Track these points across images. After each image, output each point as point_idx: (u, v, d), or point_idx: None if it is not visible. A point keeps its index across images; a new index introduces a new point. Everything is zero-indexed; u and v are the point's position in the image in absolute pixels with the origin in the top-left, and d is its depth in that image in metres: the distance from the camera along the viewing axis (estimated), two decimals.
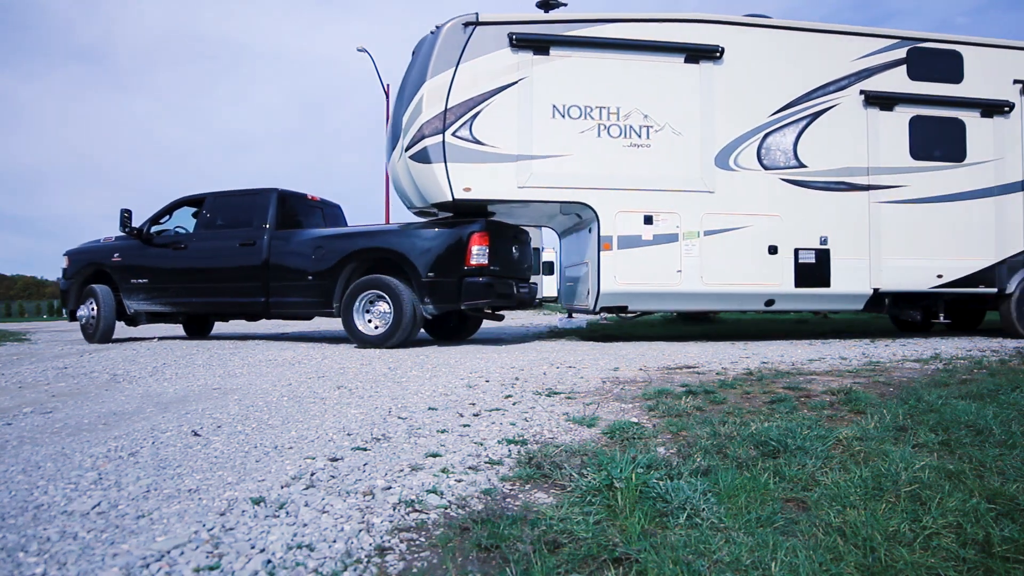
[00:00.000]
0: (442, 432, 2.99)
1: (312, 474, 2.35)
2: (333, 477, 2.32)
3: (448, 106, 6.76)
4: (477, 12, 6.93)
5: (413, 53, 7.37)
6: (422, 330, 7.25)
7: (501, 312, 7.95)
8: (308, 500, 2.07)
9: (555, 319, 13.89)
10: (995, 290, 7.69)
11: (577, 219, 7.85)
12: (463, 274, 6.57)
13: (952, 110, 7.71)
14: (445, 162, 6.75)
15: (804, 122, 7.43)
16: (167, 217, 8.01)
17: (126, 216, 7.69)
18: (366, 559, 1.67)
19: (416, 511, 1.99)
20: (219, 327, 10.77)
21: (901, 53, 7.64)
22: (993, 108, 7.77)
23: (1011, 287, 7.71)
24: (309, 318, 7.60)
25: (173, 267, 7.65)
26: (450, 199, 6.82)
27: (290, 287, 7.18)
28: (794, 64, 7.46)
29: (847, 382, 4.09)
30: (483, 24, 6.92)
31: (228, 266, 7.39)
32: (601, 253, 7.03)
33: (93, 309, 7.79)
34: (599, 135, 7.08)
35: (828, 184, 7.45)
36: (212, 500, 2.09)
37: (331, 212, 8.50)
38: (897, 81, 7.62)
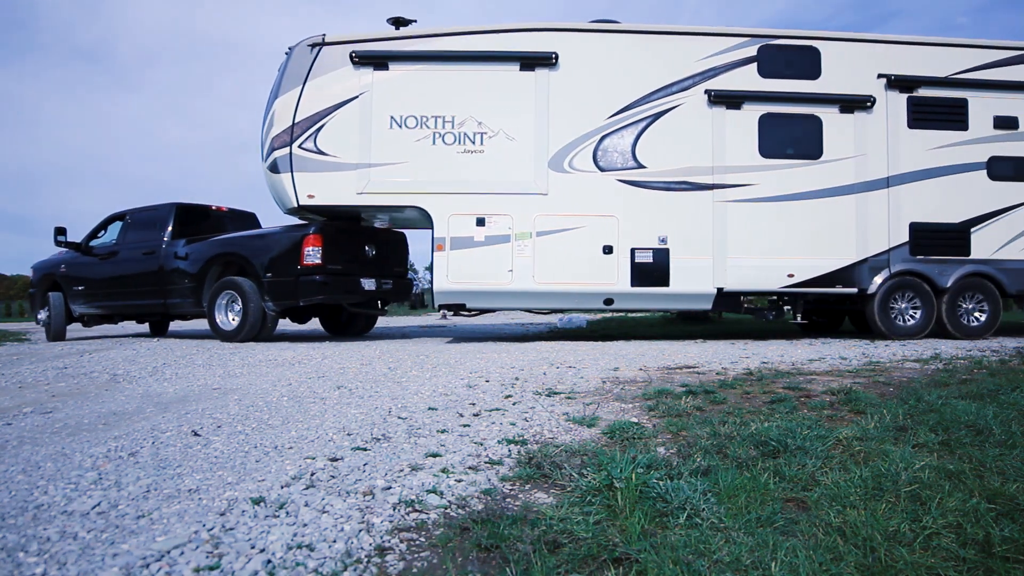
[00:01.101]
0: (442, 432, 2.99)
1: (312, 474, 2.35)
2: (333, 477, 2.32)
3: (295, 121, 7.33)
4: (324, 34, 7.48)
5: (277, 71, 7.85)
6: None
7: (383, 308, 8.58)
8: (308, 500, 2.07)
9: (554, 319, 13.88)
10: (855, 290, 7.57)
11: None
12: (298, 273, 7.19)
13: (807, 106, 7.59)
14: (292, 172, 7.31)
15: (644, 124, 7.49)
16: (103, 231, 8.93)
17: (59, 233, 8.71)
18: (366, 559, 1.67)
19: (416, 511, 1.99)
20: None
21: (751, 51, 7.59)
22: (853, 103, 7.60)
23: (873, 287, 7.57)
24: (190, 318, 8.48)
25: (100, 275, 8.63)
26: (296, 206, 7.43)
27: (177, 290, 8.00)
28: (634, 67, 7.52)
29: (847, 382, 4.09)
30: (328, 44, 7.44)
31: (136, 272, 8.27)
32: (435, 254, 7.38)
33: (48, 313, 8.89)
34: (434, 143, 7.42)
35: (669, 184, 7.48)
36: (212, 500, 2.09)
37: (241, 221, 9.08)
38: (746, 79, 7.56)
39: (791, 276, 7.45)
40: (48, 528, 1.87)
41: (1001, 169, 7.71)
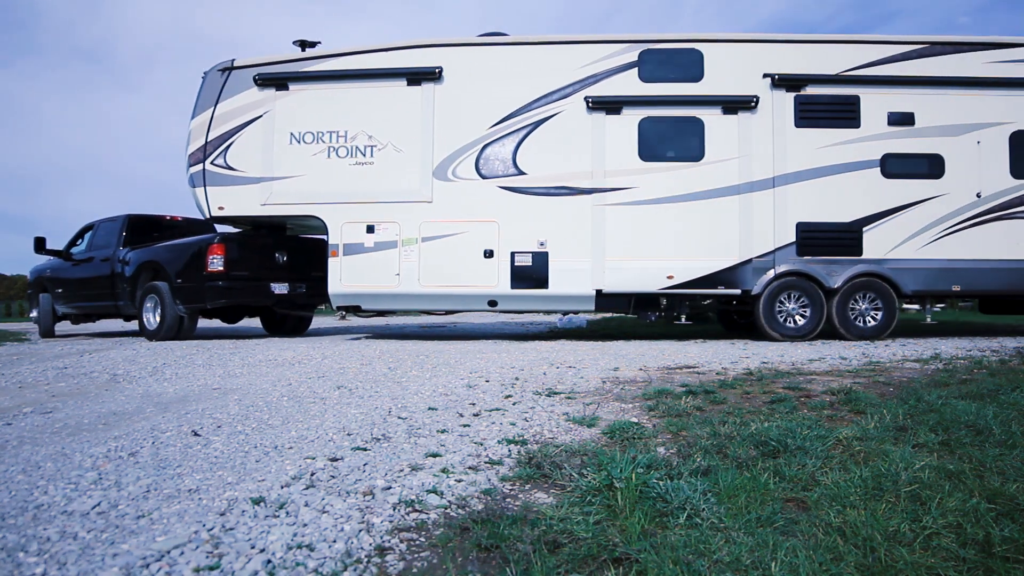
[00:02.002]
0: (442, 432, 2.99)
1: (312, 474, 2.35)
2: (333, 477, 2.32)
3: (208, 139, 7.95)
4: (233, 59, 8.09)
5: None
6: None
7: (308, 312, 9.47)
8: (308, 500, 2.07)
9: (554, 319, 13.88)
10: (738, 291, 7.57)
11: None
12: (204, 279, 7.85)
13: (689, 109, 7.59)
14: (205, 186, 7.95)
15: (524, 132, 7.67)
16: (81, 239, 9.75)
17: (38, 243, 9.54)
18: (366, 559, 1.67)
19: (416, 511, 1.99)
20: (221, 326, 10.93)
21: (632, 56, 7.65)
22: (737, 104, 7.56)
23: (758, 288, 7.51)
24: (133, 318, 9.04)
25: (72, 278, 9.53)
26: (208, 217, 8.09)
27: (122, 293, 8.73)
28: (516, 77, 7.69)
29: (847, 382, 4.09)
30: (236, 68, 8.02)
31: (96, 276, 9.09)
32: (329, 259, 7.85)
33: (37, 311, 10.01)
34: (329, 156, 7.86)
35: (548, 190, 7.64)
36: (212, 500, 2.09)
37: (195, 229, 9.55)
38: (627, 85, 7.63)
39: (671, 278, 7.51)
40: (48, 528, 1.87)
41: (896, 167, 7.55)
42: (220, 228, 9.23)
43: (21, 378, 5.09)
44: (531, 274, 7.59)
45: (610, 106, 7.60)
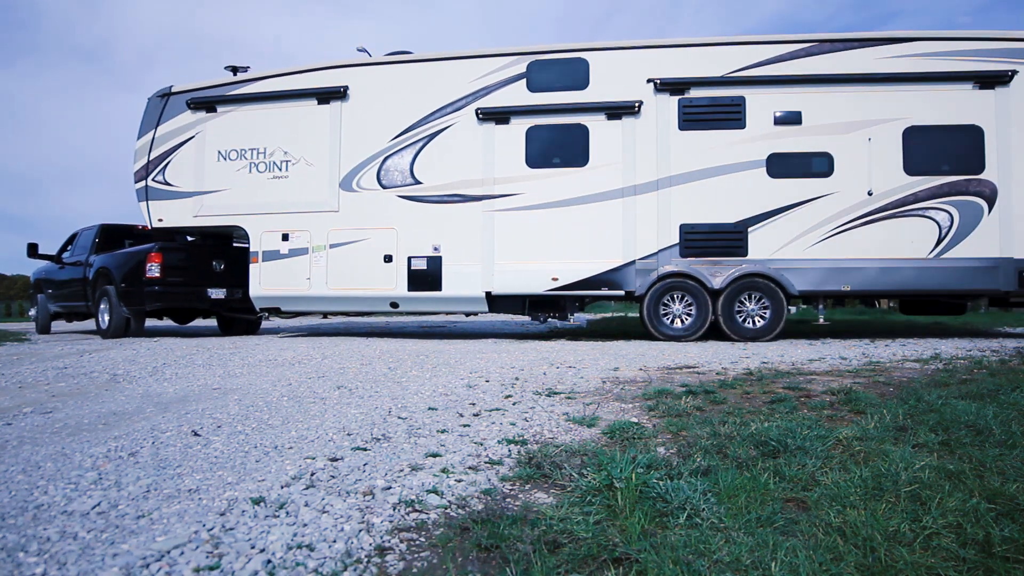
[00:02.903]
0: (442, 432, 2.99)
1: (312, 474, 2.35)
2: (333, 477, 2.32)
3: (150, 158, 8.81)
4: (171, 85, 8.92)
5: None
6: (214, 323, 10.29)
7: (250, 316, 9.88)
8: (308, 500, 2.07)
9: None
10: (622, 292, 7.72)
11: None
12: (143, 284, 8.56)
13: (574, 116, 7.81)
14: (147, 201, 8.85)
15: (421, 143, 8.11)
16: (70, 245, 10.45)
17: (31, 249, 10.27)
18: (366, 559, 1.67)
19: (416, 511, 1.99)
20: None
21: (521, 68, 7.93)
22: (620, 110, 7.72)
23: (641, 289, 7.65)
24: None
25: (58, 280, 10.36)
26: (151, 228, 8.99)
27: (90, 294, 9.41)
28: (414, 92, 8.15)
29: (847, 382, 4.09)
30: (174, 94, 8.83)
31: (74, 279, 9.83)
32: (250, 265, 8.56)
33: (35, 310, 11.05)
34: (250, 171, 8.58)
35: (442, 197, 8.04)
36: (212, 500, 2.09)
37: (160, 238, 9.98)
38: (516, 95, 7.91)
39: (555, 280, 7.75)
40: (48, 528, 1.87)
41: (782, 166, 7.55)
42: (203, 237, 9.79)
43: (21, 378, 5.09)
44: (426, 277, 8.01)
45: (499, 117, 7.93)
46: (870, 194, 7.40)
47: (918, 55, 7.44)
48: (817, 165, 7.50)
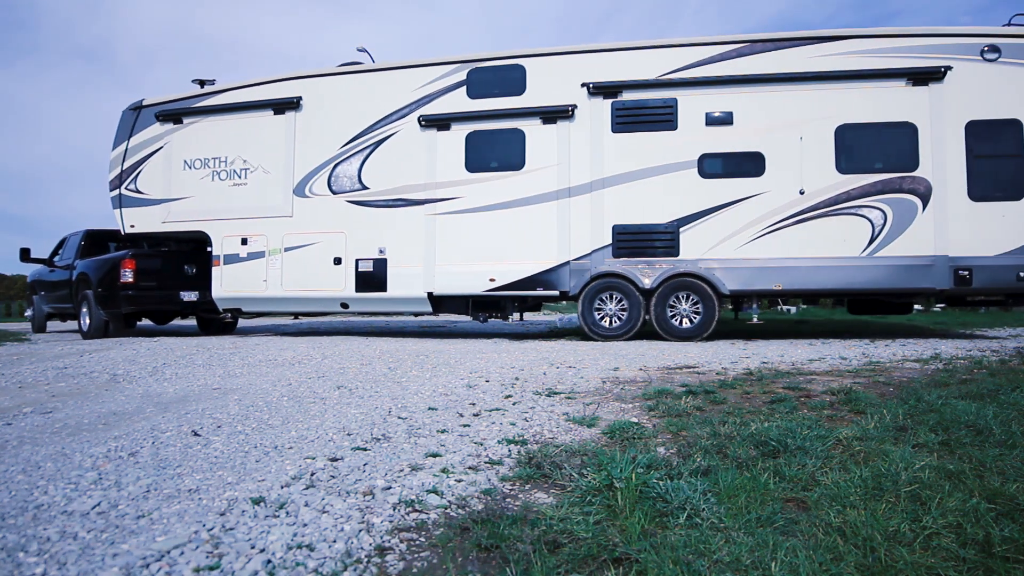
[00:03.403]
0: (442, 432, 2.99)
1: (312, 474, 2.35)
2: (333, 477, 2.32)
3: (123, 168, 9.31)
4: (143, 99, 9.39)
5: None
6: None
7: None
8: (308, 500, 2.07)
9: (554, 318, 13.87)
10: (556, 292, 7.88)
11: None
12: (118, 288, 9.04)
13: (511, 121, 8.00)
14: (121, 208, 9.34)
15: (368, 150, 8.42)
16: (61, 249, 10.90)
17: (23, 253, 10.71)
18: (366, 559, 1.67)
19: (416, 511, 1.99)
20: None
21: (461, 76, 8.18)
22: (556, 114, 7.87)
23: (575, 289, 7.78)
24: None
25: (49, 282, 10.87)
26: (124, 233, 9.45)
27: (79, 297, 9.78)
28: (362, 101, 8.46)
29: (847, 382, 4.09)
30: (144, 107, 9.32)
31: (62, 281, 10.29)
32: (213, 268, 9.00)
33: (31, 311, 11.74)
34: (213, 179, 9.01)
35: (388, 202, 8.35)
36: (212, 500, 2.09)
37: (142, 242, 10.55)
38: (456, 102, 8.17)
39: (492, 280, 7.97)
40: (48, 528, 1.87)
41: (713, 167, 7.61)
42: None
43: (21, 378, 5.09)
44: (372, 279, 8.32)
45: (440, 123, 8.19)
46: (802, 193, 7.41)
47: (852, 53, 7.42)
48: (748, 165, 7.54)
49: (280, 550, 1.69)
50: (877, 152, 7.39)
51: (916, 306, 16.51)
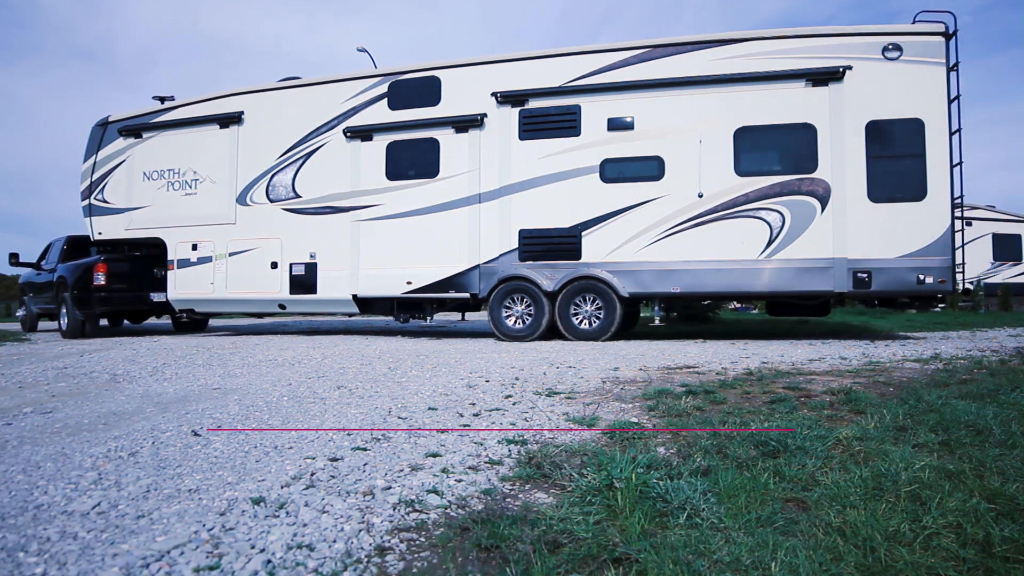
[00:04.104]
0: (442, 432, 2.99)
1: (312, 474, 2.35)
2: (333, 477, 2.32)
3: (93, 180, 10.04)
4: (108, 116, 10.06)
5: None
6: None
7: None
8: (308, 500, 2.07)
9: None
10: (467, 295, 8.21)
11: None
12: (92, 291, 9.68)
13: (427, 131, 8.34)
14: (91, 216, 10.08)
15: (301, 161, 8.91)
16: (48, 253, 11.57)
17: (12, 257, 11.47)
18: (366, 559, 1.67)
19: (416, 511, 1.99)
20: (217, 322, 11.11)
21: (383, 88, 8.54)
22: (467, 123, 8.16)
23: (484, 291, 8.07)
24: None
25: (36, 284, 11.57)
26: (93, 240, 10.22)
27: (57, 298, 10.42)
28: (296, 115, 8.94)
29: (847, 382, 4.09)
30: (110, 123, 9.99)
31: (46, 283, 10.96)
32: (168, 271, 9.66)
33: (23, 311, 12.54)
34: (168, 190, 9.66)
35: (318, 209, 8.82)
36: (212, 500, 2.09)
37: (119, 247, 11.10)
38: (378, 114, 8.54)
39: (409, 283, 8.37)
40: (48, 528, 1.87)
41: (615, 171, 7.72)
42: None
43: (21, 378, 5.09)
44: (304, 282, 8.83)
45: (363, 134, 8.59)
46: (700, 196, 7.45)
47: (752, 55, 7.41)
48: (648, 169, 7.63)
49: (280, 550, 1.69)
50: (776, 154, 7.46)
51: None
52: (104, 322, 11.59)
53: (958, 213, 7.09)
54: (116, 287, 9.84)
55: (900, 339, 7.70)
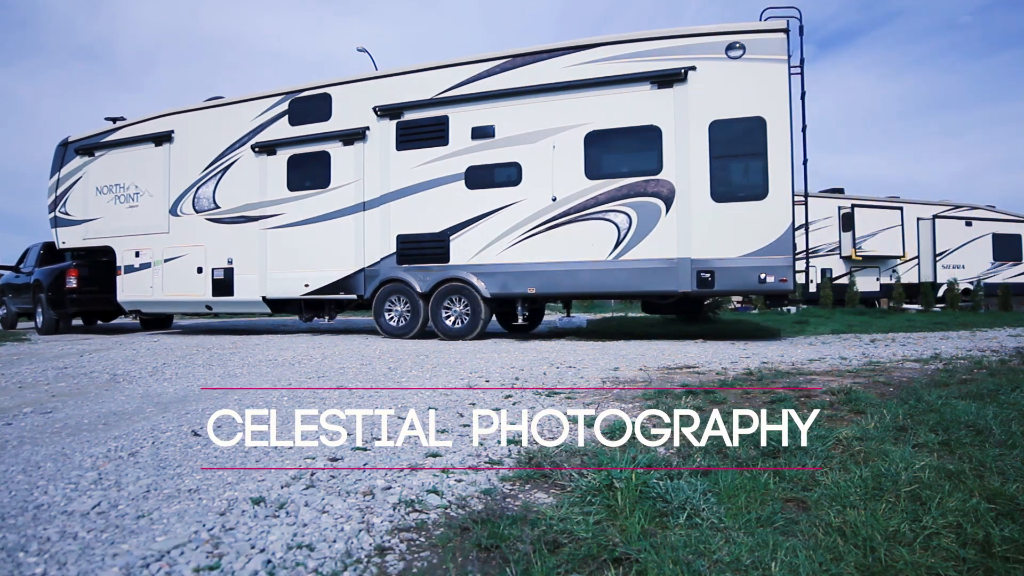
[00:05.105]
0: (442, 432, 2.99)
1: (312, 474, 2.35)
2: (333, 477, 2.32)
3: (57, 194, 11.00)
4: (68, 136, 11.06)
5: None
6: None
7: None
8: (308, 500, 2.07)
9: (554, 318, 13.86)
10: (354, 296, 8.80)
11: None
12: (64, 293, 10.74)
13: (321, 144, 8.97)
14: (56, 227, 11.02)
15: (220, 175, 9.68)
16: (26, 257, 12.40)
17: None
18: (366, 559, 1.67)
19: (416, 511, 1.99)
20: (224, 322, 11.12)
21: (285, 106, 9.20)
22: (353, 136, 8.74)
23: (368, 293, 8.65)
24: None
25: (16, 285, 12.42)
26: (58, 248, 11.14)
27: (34, 299, 11.36)
28: (217, 132, 9.69)
29: (847, 382, 4.09)
30: (70, 143, 10.94)
31: (23, 284, 11.95)
32: (117, 276, 10.49)
33: (3, 310, 13.22)
34: (115, 203, 10.52)
35: (233, 218, 9.58)
36: (212, 500, 2.09)
37: (94, 253, 11.74)
38: (281, 130, 9.22)
39: (307, 285, 9.03)
40: (48, 528, 1.87)
41: (478, 178, 8.09)
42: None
43: (21, 378, 5.09)
44: (224, 285, 9.63)
45: (268, 149, 9.29)
46: (554, 200, 7.71)
47: (603, 60, 7.55)
48: (508, 175, 7.98)
49: (280, 550, 1.69)
50: (624, 157, 7.65)
51: (915, 306, 16.59)
52: (78, 321, 12.46)
53: (799, 210, 7.18)
54: (86, 289, 10.84)
55: (900, 339, 7.70)
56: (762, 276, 6.93)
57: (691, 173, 7.19)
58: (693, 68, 7.17)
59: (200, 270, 9.77)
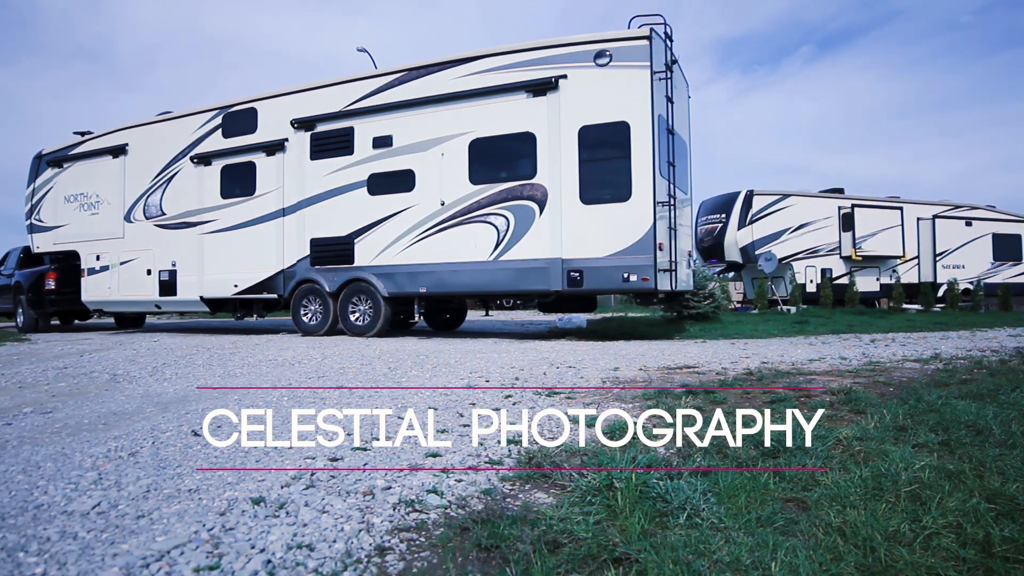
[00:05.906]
0: (442, 432, 2.99)
1: (312, 474, 2.35)
2: (333, 477, 2.32)
3: (32, 203, 11.96)
4: (42, 149, 12.00)
5: None
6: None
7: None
8: (308, 500, 2.07)
9: (554, 318, 13.86)
10: (276, 296, 9.45)
11: None
12: (44, 294, 11.66)
13: (248, 155, 9.65)
14: (32, 233, 11.96)
15: (165, 184, 10.44)
16: (6, 260, 13.24)
17: None
18: (366, 559, 1.67)
19: (416, 511, 1.99)
20: (224, 322, 11.11)
21: (219, 120, 9.91)
22: (274, 147, 9.41)
23: (287, 292, 9.32)
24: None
25: None
26: (33, 252, 12.05)
27: (16, 300, 12.16)
28: (163, 145, 10.44)
29: (847, 382, 4.09)
30: (43, 155, 11.88)
31: (4, 285, 12.66)
32: (82, 278, 11.28)
33: None
34: (80, 210, 11.36)
35: (177, 224, 10.30)
36: (212, 500, 2.09)
37: (67, 258, 12.36)
38: (216, 142, 9.92)
39: (236, 286, 9.72)
40: (48, 528, 1.87)
41: (378, 184, 8.62)
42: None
43: (21, 378, 5.09)
44: (169, 286, 10.37)
45: (204, 160, 10.00)
46: (443, 204, 8.20)
47: (485, 71, 7.98)
48: (403, 181, 8.48)
49: (280, 550, 1.69)
50: (503, 162, 8.05)
51: (915, 306, 16.59)
52: (56, 321, 13.04)
53: (664, 212, 7.39)
54: (64, 291, 11.60)
55: (900, 339, 7.69)
56: (625, 275, 7.27)
57: (562, 177, 7.55)
58: (564, 76, 7.53)
59: (149, 272, 10.54)
